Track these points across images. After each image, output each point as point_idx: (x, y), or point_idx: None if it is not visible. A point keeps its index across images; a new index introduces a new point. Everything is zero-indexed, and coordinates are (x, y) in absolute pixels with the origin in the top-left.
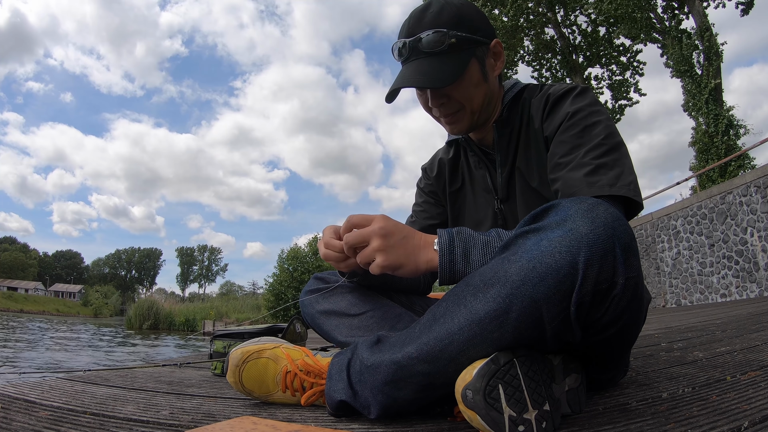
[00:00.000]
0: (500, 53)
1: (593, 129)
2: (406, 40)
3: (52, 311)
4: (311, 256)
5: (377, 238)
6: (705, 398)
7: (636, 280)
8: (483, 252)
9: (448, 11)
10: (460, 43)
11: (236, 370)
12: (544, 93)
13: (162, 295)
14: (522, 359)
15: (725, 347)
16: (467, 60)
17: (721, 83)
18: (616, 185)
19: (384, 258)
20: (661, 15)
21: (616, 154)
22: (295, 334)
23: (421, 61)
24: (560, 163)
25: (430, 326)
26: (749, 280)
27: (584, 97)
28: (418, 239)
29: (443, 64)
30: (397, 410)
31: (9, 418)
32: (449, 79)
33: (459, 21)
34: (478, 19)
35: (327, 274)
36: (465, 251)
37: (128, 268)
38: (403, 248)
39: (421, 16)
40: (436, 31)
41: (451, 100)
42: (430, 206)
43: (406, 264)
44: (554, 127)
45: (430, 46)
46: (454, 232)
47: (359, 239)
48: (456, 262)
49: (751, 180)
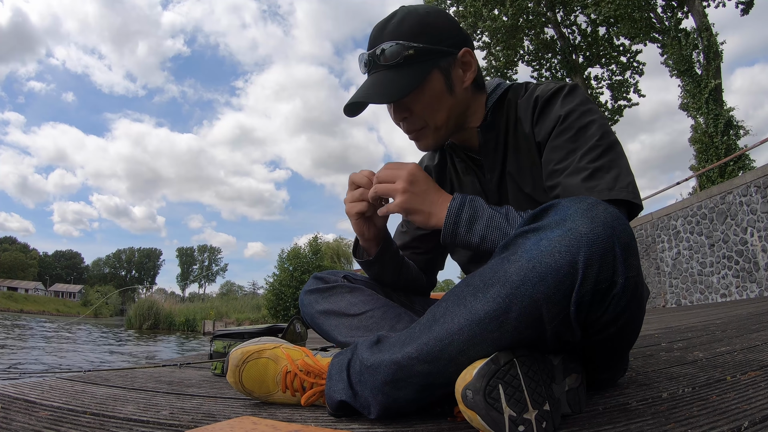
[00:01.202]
0: (470, 62)
1: (587, 130)
2: (366, 52)
3: (52, 311)
4: (311, 255)
5: (403, 181)
6: (705, 398)
7: (636, 279)
8: (487, 225)
9: (409, 21)
10: (419, 55)
11: (236, 370)
12: (531, 94)
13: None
14: (522, 359)
15: (725, 347)
16: (426, 72)
17: (720, 83)
18: (615, 188)
19: (403, 200)
20: (661, 15)
21: (612, 155)
22: (295, 334)
23: (379, 74)
24: (556, 169)
25: (430, 326)
26: (749, 280)
27: (574, 96)
28: (438, 196)
29: (399, 77)
30: (397, 410)
31: (9, 418)
32: (402, 92)
33: (420, 31)
34: (444, 28)
35: (326, 274)
36: (471, 219)
37: (128, 268)
38: (423, 198)
39: (383, 27)
40: (394, 43)
41: (414, 115)
42: None
43: (421, 212)
44: (546, 132)
45: (388, 58)
46: (467, 198)
47: (390, 176)
48: (459, 226)
49: (751, 180)
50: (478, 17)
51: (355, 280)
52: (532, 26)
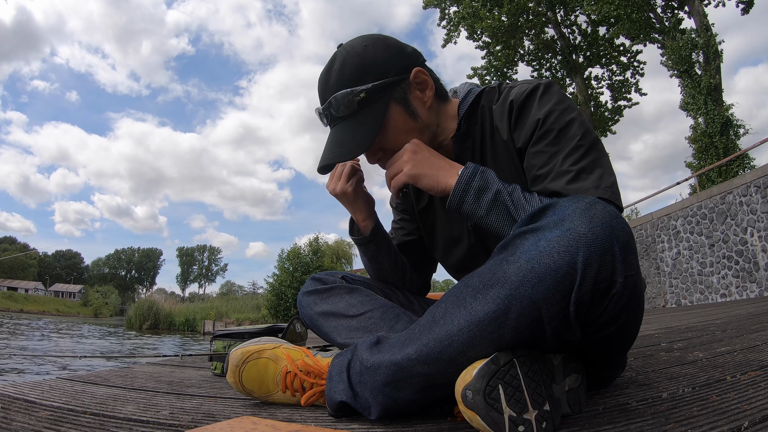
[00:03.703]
0: (425, 81)
1: (568, 131)
2: (320, 108)
3: (52, 311)
4: (311, 255)
5: (408, 152)
6: (705, 398)
7: (635, 278)
8: (494, 199)
9: (350, 64)
10: (371, 95)
11: (236, 370)
12: (505, 99)
13: (162, 295)
14: (522, 359)
15: (725, 347)
16: (383, 110)
17: (720, 83)
18: (600, 187)
19: (410, 167)
20: (661, 15)
21: (594, 153)
22: (295, 334)
23: (338, 127)
24: (539, 175)
25: (429, 327)
26: (749, 280)
27: (550, 95)
28: (445, 162)
29: (358, 126)
30: (398, 411)
31: (9, 418)
32: (366, 142)
33: (364, 72)
34: (386, 58)
35: (325, 275)
36: (480, 189)
37: (128, 268)
38: (429, 163)
39: (327, 77)
40: (341, 93)
41: (387, 152)
42: (407, 222)
43: (427, 176)
44: (526, 138)
45: (341, 110)
46: (479, 169)
47: (396, 156)
48: (468, 194)
49: (751, 180)
50: (476, 18)
51: (354, 281)
52: (532, 26)
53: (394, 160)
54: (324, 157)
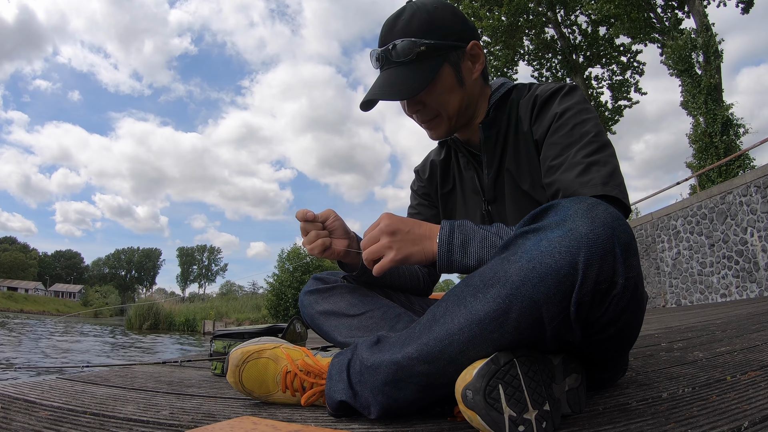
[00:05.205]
0: (478, 55)
1: (583, 127)
2: (378, 49)
3: (52, 311)
4: (311, 255)
5: (385, 236)
6: (705, 398)
7: (636, 279)
8: (481, 246)
9: (418, 18)
10: (430, 51)
11: (236, 370)
12: (532, 94)
13: (162, 295)
14: (522, 359)
15: (725, 347)
16: (438, 67)
17: (720, 83)
18: (609, 184)
19: (395, 253)
20: (661, 15)
21: (607, 151)
22: (295, 334)
23: (392, 71)
24: (553, 165)
25: (429, 327)
26: (749, 280)
27: (572, 96)
28: (424, 229)
29: (412, 72)
30: (398, 410)
31: (9, 418)
32: (417, 89)
33: (430, 27)
34: (451, 23)
35: (326, 275)
36: (463, 243)
37: (128, 268)
38: (410, 239)
39: (393, 24)
40: (405, 40)
41: (427, 107)
42: (424, 208)
43: (415, 252)
44: (544, 130)
45: (400, 55)
46: (456, 224)
47: (371, 238)
48: (453, 252)
49: (751, 180)
50: (476, 18)
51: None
52: (532, 26)
53: (370, 241)
54: (372, 92)
